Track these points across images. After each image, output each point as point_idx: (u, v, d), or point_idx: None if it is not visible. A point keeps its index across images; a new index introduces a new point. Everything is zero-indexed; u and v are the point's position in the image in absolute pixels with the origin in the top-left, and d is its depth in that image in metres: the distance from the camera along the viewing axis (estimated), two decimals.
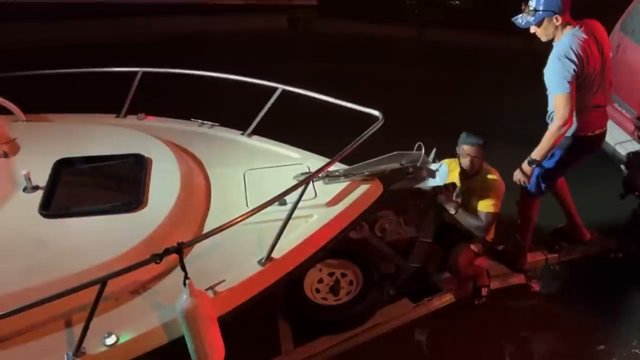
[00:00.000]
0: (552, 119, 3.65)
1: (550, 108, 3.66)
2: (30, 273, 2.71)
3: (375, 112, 3.43)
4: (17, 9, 9.43)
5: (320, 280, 3.94)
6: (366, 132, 3.27)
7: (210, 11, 10.11)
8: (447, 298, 4.08)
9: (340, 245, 3.30)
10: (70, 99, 4.72)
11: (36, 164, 3.41)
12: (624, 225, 4.70)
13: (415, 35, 10.16)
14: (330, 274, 3.97)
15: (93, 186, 3.48)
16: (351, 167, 3.48)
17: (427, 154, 3.45)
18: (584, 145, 3.70)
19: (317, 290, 3.90)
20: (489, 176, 3.84)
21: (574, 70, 3.35)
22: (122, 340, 2.56)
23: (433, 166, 3.44)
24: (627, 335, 3.87)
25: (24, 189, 3.26)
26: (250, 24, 10.01)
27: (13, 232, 3.00)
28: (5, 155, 3.53)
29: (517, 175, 3.80)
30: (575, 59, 3.34)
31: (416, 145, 3.41)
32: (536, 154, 3.62)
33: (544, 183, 3.88)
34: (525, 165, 3.72)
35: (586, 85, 3.48)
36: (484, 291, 4.06)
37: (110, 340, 2.54)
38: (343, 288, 3.91)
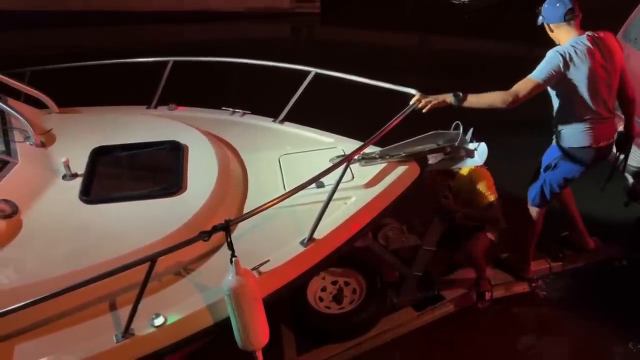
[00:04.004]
0: (556, 123, 3.63)
1: (556, 113, 3.63)
2: (76, 257, 2.73)
3: (413, 91, 3.40)
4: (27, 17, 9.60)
5: (324, 289, 3.87)
6: (404, 111, 3.25)
7: (212, 19, 10.17)
8: (451, 306, 4.02)
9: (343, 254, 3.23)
10: (97, 94, 4.77)
11: (73, 153, 3.44)
12: (628, 234, 4.62)
13: (418, 42, 10.16)
14: (334, 283, 3.89)
15: (131, 173, 3.50)
16: (387, 148, 3.44)
17: (465, 133, 3.40)
18: (590, 158, 3.63)
19: (321, 299, 3.81)
20: (471, 169, 3.80)
21: (559, 67, 3.32)
22: (170, 321, 2.56)
23: (471, 146, 3.39)
24: (632, 343, 3.79)
25: (64, 177, 3.30)
26: (254, 32, 10.09)
27: (56, 219, 3.02)
28: (43, 145, 3.57)
29: (427, 99, 3.38)
30: (567, 57, 3.33)
31: (453, 125, 3.36)
32: (469, 100, 3.37)
33: (549, 193, 3.82)
34: (449, 95, 3.37)
35: (589, 94, 3.43)
36: (488, 295, 4.00)
37: (159, 322, 2.55)
38: (347, 297, 3.81)
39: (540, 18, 3.53)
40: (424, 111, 3.38)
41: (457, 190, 3.94)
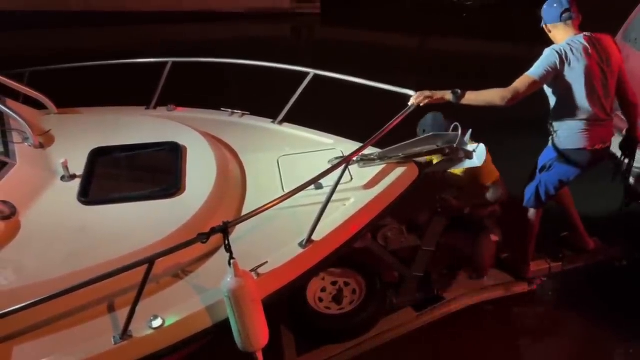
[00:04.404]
0: (552, 124, 3.63)
1: (551, 113, 3.63)
2: (74, 259, 2.72)
3: (411, 92, 3.39)
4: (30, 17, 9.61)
5: (324, 289, 3.86)
6: (403, 112, 3.24)
7: (211, 19, 10.17)
8: (450, 307, 4.01)
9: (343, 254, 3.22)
10: (96, 94, 4.78)
11: (72, 153, 3.43)
12: (628, 234, 4.60)
13: (418, 42, 10.16)
14: (334, 283, 3.86)
15: (129, 174, 3.50)
16: (386, 149, 3.43)
17: (464, 134, 3.40)
18: (585, 160, 3.63)
19: (320, 300, 3.81)
20: None
21: (555, 64, 3.35)
22: (168, 323, 2.55)
23: (470, 147, 3.39)
24: (631, 343, 3.79)
25: (62, 178, 3.29)
26: (254, 32, 10.10)
27: (54, 220, 3.01)
28: (41, 146, 3.56)
29: (425, 93, 3.42)
30: (563, 54, 3.36)
31: (452, 126, 3.36)
32: (468, 97, 3.39)
33: (544, 195, 3.82)
34: (447, 92, 3.40)
35: (585, 93, 3.44)
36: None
37: (157, 323, 2.53)
38: (346, 297, 3.81)
39: (542, 19, 3.55)
40: (422, 104, 3.40)
41: (458, 179, 3.89)
